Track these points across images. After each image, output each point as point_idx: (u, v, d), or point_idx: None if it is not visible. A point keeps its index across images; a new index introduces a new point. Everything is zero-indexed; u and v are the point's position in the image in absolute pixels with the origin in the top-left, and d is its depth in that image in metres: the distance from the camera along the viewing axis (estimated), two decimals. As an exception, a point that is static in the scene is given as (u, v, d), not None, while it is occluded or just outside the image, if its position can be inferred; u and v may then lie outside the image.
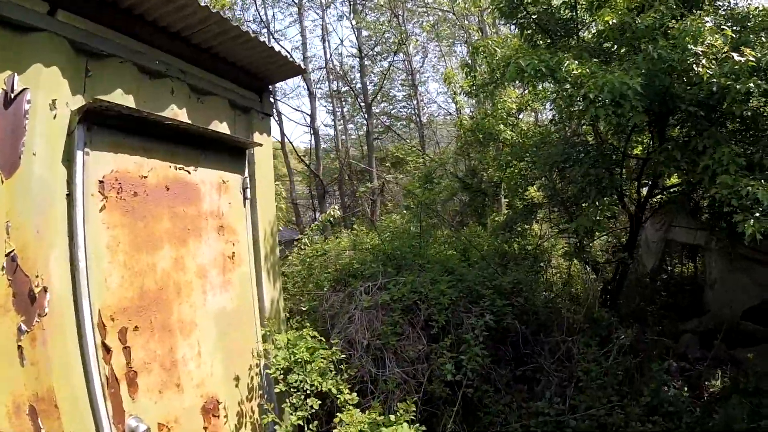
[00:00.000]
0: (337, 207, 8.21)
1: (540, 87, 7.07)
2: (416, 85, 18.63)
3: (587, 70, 4.52)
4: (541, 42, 6.49)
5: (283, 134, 18.23)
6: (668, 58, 4.39)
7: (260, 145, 3.91)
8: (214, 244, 3.41)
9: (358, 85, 18.43)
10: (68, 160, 2.54)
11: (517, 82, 5.88)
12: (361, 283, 5.36)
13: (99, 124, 2.65)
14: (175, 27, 3.14)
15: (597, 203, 5.93)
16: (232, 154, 3.69)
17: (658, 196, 6.67)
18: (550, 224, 8.31)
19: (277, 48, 3.82)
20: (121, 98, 2.82)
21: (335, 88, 20.99)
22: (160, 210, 2.99)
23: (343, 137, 23.04)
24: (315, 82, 19.40)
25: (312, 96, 16.96)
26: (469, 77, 7.63)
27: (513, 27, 7.23)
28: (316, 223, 8.14)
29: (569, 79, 4.76)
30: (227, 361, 3.45)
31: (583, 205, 6.36)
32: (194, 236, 3.25)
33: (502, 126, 9.27)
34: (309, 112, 17.13)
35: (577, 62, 4.69)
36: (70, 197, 2.54)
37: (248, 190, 3.81)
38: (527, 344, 5.18)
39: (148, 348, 2.86)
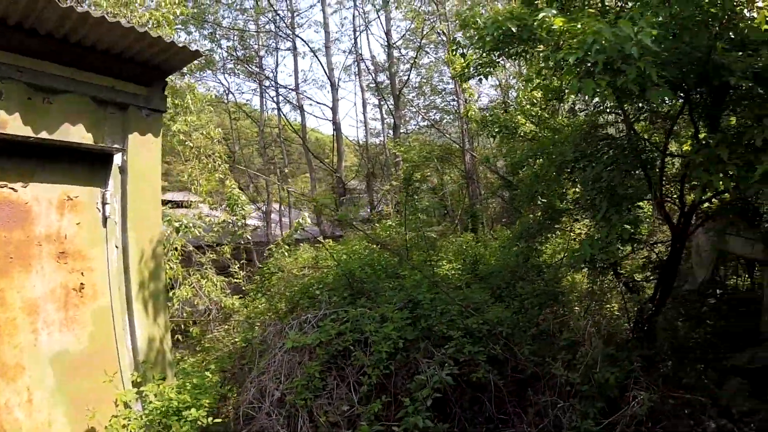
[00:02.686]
0: (307, 215, 7.79)
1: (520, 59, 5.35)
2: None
3: (578, 25, 3.29)
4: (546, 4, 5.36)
5: (304, 130, 18.09)
6: (701, 2, 3.04)
7: (123, 150, 3.50)
8: (51, 275, 3.07)
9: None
10: None
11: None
12: (300, 314, 4.68)
13: None
14: (9, 19, 2.84)
15: (610, 220, 4.51)
16: (86, 163, 3.33)
17: (709, 203, 5.44)
18: (571, 235, 7.32)
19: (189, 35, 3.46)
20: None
21: (368, 81, 20.69)
22: (-37, 238, 2.71)
23: (382, 134, 22.65)
24: (353, 73, 18.93)
25: (334, 88, 16.69)
26: (458, 57, 6.63)
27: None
28: (286, 232, 7.75)
29: (551, 40, 3.61)
30: (73, 412, 3.12)
31: (596, 219, 5.17)
32: (20, 266, 2.93)
33: (520, 117, 8.41)
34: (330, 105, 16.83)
35: (554, 13, 3.55)
36: None
37: (109, 207, 3.43)
38: (504, 404, 4.20)
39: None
